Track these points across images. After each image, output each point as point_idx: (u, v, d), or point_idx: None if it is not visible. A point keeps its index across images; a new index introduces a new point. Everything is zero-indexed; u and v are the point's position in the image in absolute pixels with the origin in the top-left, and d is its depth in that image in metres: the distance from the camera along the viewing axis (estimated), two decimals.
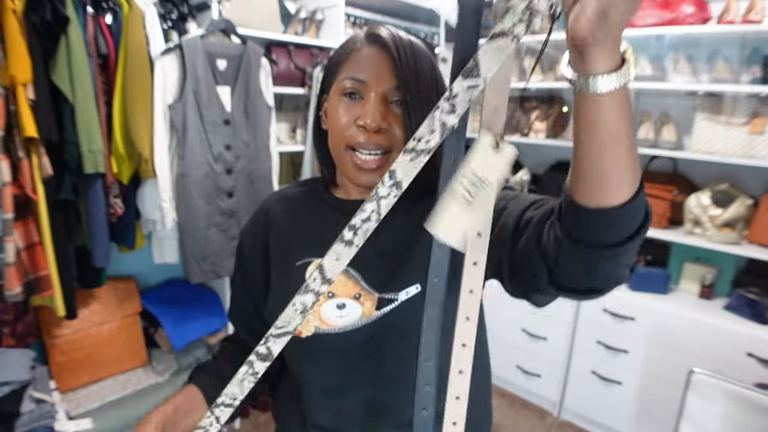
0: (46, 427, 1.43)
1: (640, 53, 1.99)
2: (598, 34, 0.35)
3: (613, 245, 0.46)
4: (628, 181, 0.43)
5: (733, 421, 1.27)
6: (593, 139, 0.41)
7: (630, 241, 0.46)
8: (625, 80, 0.38)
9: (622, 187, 0.43)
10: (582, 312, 2.10)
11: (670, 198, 1.93)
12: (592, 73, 0.38)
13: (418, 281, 0.64)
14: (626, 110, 0.40)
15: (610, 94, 0.38)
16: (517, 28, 0.35)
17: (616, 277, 0.51)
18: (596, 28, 0.35)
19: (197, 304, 2.02)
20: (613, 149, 0.41)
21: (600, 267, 0.49)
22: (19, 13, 1.28)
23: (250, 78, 1.81)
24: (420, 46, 0.64)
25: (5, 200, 1.31)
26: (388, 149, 0.63)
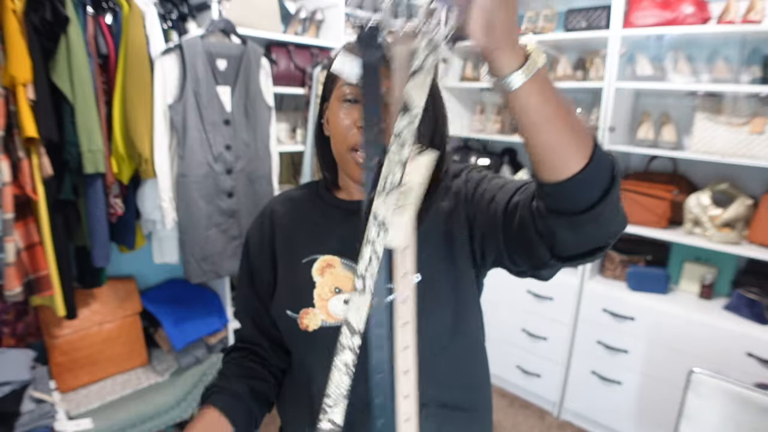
0: (46, 427, 1.43)
1: (640, 53, 1.99)
2: (492, 44, 0.41)
3: (587, 209, 0.50)
4: (572, 154, 0.47)
5: (733, 421, 1.27)
6: (527, 126, 0.46)
7: (602, 201, 0.49)
8: (531, 72, 0.42)
9: (568, 160, 0.47)
10: (582, 312, 2.10)
11: (670, 198, 1.93)
12: (504, 75, 0.43)
13: (419, 271, 0.66)
14: (546, 96, 0.45)
15: (525, 86, 0.43)
16: (428, 62, 0.40)
17: (609, 230, 0.54)
18: (489, 39, 0.41)
19: (197, 304, 2.02)
20: (547, 131, 0.46)
21: (587, 229, 0.52)
22: (19, 13, 1.28)
23: (250, 78, 1.82)
24: None
25: (5, 200, 1.31)
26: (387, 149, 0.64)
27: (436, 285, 0.68)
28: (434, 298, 0.68)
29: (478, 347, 0.76)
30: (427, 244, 0.69)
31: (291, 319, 0.71)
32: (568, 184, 0.48)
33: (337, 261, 0.71)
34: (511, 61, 0.42)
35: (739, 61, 1.82)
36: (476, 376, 0.76)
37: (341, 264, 0.71)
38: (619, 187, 0.51)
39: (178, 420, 1.81)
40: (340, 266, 0.71)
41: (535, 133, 0.47)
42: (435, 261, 0.69)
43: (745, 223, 1.81)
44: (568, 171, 0.47)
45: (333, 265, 0.71)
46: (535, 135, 0.47)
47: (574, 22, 2.07)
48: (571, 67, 2.22)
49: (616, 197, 0.51)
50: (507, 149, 2.63)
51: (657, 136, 2.01)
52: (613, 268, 2.13)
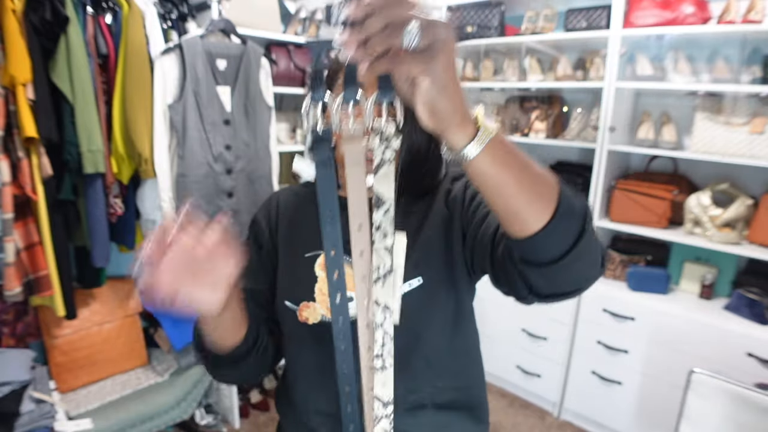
0: (45, 427, 1.43)
1: (640, 53, 1.98)
2: (440, 125, 0.43)
3: (554, 260, 0.51)
4: (532, 214, 0.49)
5: (733, 421, 1.27)
6: (487, 190, 0.48)
7: (569, 253, 0.51)
8: (484, 142, 0.45)
9: (528, 220, 0.49)
10: (582, 312, 2.10)
11: (670, 198, 1.93)
12: (458, 148, 0.45)
13: (420, 274, 0.68)
14: (502, 162, 0.47)
15: (479, 156, 0.45)
16: (386, 154, 0.43)
17: (580, 278, 0.56)
18: (436, 122, 0.43)
19: None
20: (505, 195, 0.48)
21: (557, 278, 0.54)
22: (19, 13, 1.28)
23: (250, 78, 1.81)
24: None
25: (5, 200, 1.31)
26: None
27: (435, 288, 0.69)
28: (435, 302, 0.69)
29: (474, 349, 0.79)
30: (428, 248, 0.70)
31: (290, 310, 0.71)
32: (530, 240, 0.50)
33: None
34: (462, 135, 0.45)
35: (739, 61, 1.82)
36: (473, 377, 0.78)
37: (346, 262, 0.70)
38: (591, 238, 0.52)
39: (178, 420, 1.81)
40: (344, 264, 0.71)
41: (494, 196, 0.49)
42: (435, 264, 0.70)
43: (745, 223, 1.81)
44: (529, 229, 0.49)
45: None
46: (494, 198, 0.49)
47: (574, 22, 2.07)
48: (571, 67, 2.22)
49: (585, 248, 0.52)
50: None
51: (657, 136, 2.01)
52: (614, 268, 2.13)
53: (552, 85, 2.21)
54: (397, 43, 0.38)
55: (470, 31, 2.36)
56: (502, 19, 2.31)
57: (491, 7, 2.30)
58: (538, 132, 2.30)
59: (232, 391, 2.04)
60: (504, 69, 2.42)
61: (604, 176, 2.03)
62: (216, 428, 2.05)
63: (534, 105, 2.37)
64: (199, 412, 2.02)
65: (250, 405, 2.22)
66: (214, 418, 2.06)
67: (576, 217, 0.51)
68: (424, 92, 0.41)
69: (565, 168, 2.31)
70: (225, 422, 2.10)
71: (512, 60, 2.39)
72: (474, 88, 2.60)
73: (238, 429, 2.09)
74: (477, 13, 2.33)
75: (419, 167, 0.72)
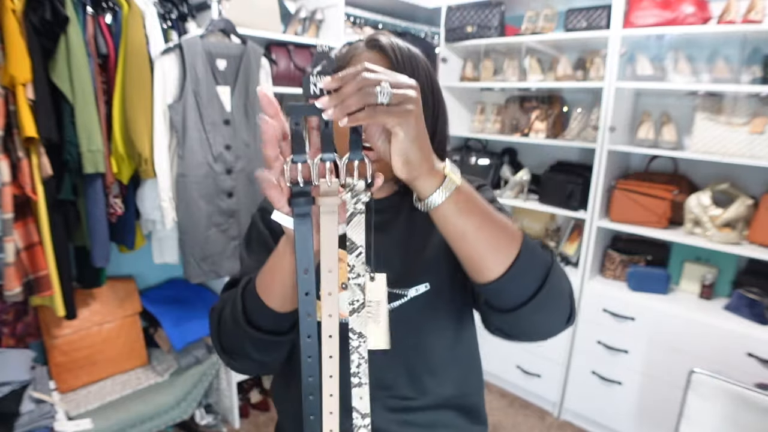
0: (45, 427, 1.43)
1: (640, 53, 1.98)
2: (411, 173, 0.48)
3: (513, 308, 0.55)
4: (492, 260, 0.53)
5: (733, 421, 1.27)
6: (450, 236, 0.53)
7: (528, 303, 0.55)
8: (449, 191, 0.50)
9: (488, 266, 0.53)
10: (582, 312, 2.10)
11: (670, 198, 1.93)
12: (426, 196, 0.50)
13: (427, 280, 0.69)
14: (466, 210, 0.51)
15: (444, 203, 0.50)
16: (358, 206, 0.48)
17: (541, 330, 0.60)
18: (408, 171, 0.48)
19: (197, 304, 2.02)
20: (468, 240, 0.52)
21: (516, 324, 0.59)
22: (19, 13, 1.28)
23: (250, 78, 1.81)
24: (416, 52, 0.69)
25: (5, 200, 1.31)
26: None
27: (441, 294, 0.70)
28: (440, 307, 0.70)
29: (474, 356, 0.80)
30: (436, 253, 0.71)
31: None
32: (492, 285, 0.54)
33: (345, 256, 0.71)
34: (431, 183, 0.49)
35: (739, 61, 1.82)
36: (473, 384, 0.79)
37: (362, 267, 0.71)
38: (553, 292, 0.56)
39: (178, 420, 1.81)
40: None
41: (457, 242, 0.53)
42: (442, 270, 0.70)
43: (745, 223, 1.81)
44: (488, 276, 0.53)
45: (342, 260, 0.70)
46: (457, 243, 0.53)
47: (574, 22, 2.07)
48: (571, 67, 2.22)
49: (544, 301, 0.55)
50: (507, 149, 2.63)
51: (657, 136, 2.01)
52: (614, 268, 2.13)
53: (552, 85, 2.21)
54: (371, 101, 0.43)
55: (470, 31, 2.36)
56: (502, 19, 2.31)
57: (491, 7, 2.30)
58: (538, 132, 2.30)
59: (232, 391, 2.04)
60: (504, 69, 2.42)
61: (604, 176, 2.03)
62: (216, 428, 2.05)
63: (534, 105, 2.37)
64: (199, 412, 2.02)
65: (250, 405, 2.22)
66: (214, 418, 2.06)
67: (536, 270, 0.55)
68: (398, 143, 0.46)
69: (565, 168, 2.31)
70: (225, 422, 2.10)
71: (512, 60, 2.39)
72: (474, 88, 2.61)
73: (238, 429, 2.09)
74: (477, 13, 2.33)
75: None
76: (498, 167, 2.53)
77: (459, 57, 2.60)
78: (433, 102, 0.69)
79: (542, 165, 2.42)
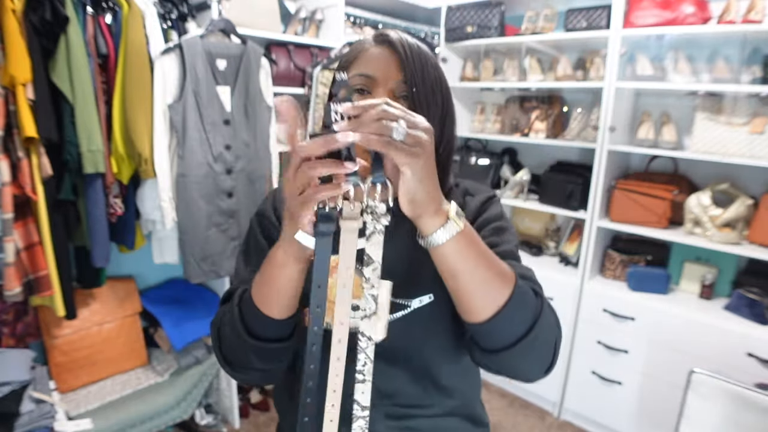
0: (45, 427, 1.43)
1: (640, 53, 1.98)
2: (416, 211, 0.50)
3: (496, 351, 0.58)
4: (482, 303, 0.55)
5: (733, 421, 1.27)
6: (444, 274, 0.55)
7: (509, 348, 0.57)
8: (451, 233, 0.51)
9: (477, 308, 0.55)
10: (582, 312, 2.10)
11: (670, 198, 1.93)
12: (428, 234, 0.52)
13: (432, 291, 0.67)
14: (465, 253, 0.53)
15: (446, 244, 0.51)
16: (377, 227, 0.51)
17: (519, 374, 0.62)
18: (414, 209, 0.50)
19: (197, 304, 2.02)
20: (463, 282, 0.54)
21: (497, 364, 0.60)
22: (19, 13, 1.28)
23: (250, 78, 1.81)
24: (425, 49, 0.68)
25: (5, 200, 1.31)
26: None
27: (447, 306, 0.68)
28: (444, 317, 0.69)
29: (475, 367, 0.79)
30: None
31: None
32: (481, 326, 0.55)
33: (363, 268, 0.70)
34: (433, 223, 0.51)
35: (739, 61, 1.82)
36: (476, 386, 0.79)
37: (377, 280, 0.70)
38: (538, 341, 0.57)
39: (178, 420, 1.81)
40: None
41: (449, 280, 0.55)
42: None
43: (745, 223, 1.81)
44: (482, 316, 0.55)
45: None
46: (453, 283, 0.55)
47: (574, 22, 2.07)
48: (571, 67, 2.22)
49: (526, 350, 0.57)
50: (507, 149, 2.63)
51: (657, 136, 2.01)
52: (613, 268, 2.13)
53: (552, 85, 2.21)
54: (387, 133, 0.45)
55: (470, 31, 2.36)
56: (502, 19, 2.31)
57: (491, 7, 2.30)
58: (538, 132, 2.30)
59: (232, 391, 2.04)
60: (504, 69, 2.42)
61: (604, 176, 2.03)
62: (216, 428, 2.05)
63: (534, 105, 2.37)
64: (199, 412, 2.02)
65: (250, 405, 2.22)
66: (214, 418, 2.06)
67: (523, 318, 0.56)
68: (406, 181, 0.48)
69: (565, 168, 2.31)
70: (225, 422, 2.10)
71: (512, 60, 2.39)
72: (474, 88, 2.61)
73: (238, 429, 2.09)
74: (477, 13, 2.33)
75: None
76: (498, 167, 2.53)
77: (459, 57, 2.60)
78: (442, 101, 0.68)
79: (542, 165, 2.42)
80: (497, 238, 0.70)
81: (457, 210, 0.53)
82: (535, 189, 2.40)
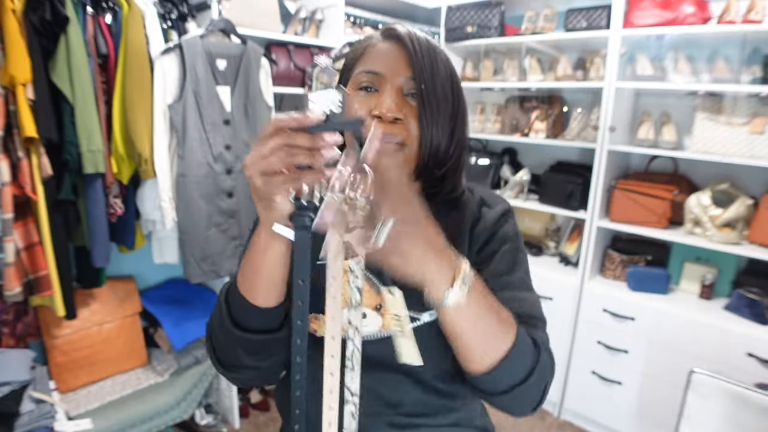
0: (45, 427, 1.43)
1: (640, 53, 1.98)
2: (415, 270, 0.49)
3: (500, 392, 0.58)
4: (484, 355, 0.55)
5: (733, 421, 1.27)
6: (449, 333, 0.55)
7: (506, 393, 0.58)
8: (456, 298, 0.50)
9: (478, 360, 0.56)
10: (582, 312, 2.10)
11: (670, 198, 1.93)
12: (434, 296, 0.51)
13: None
14: (466, 314, 0.52)
15: (451, 307, 0.51)
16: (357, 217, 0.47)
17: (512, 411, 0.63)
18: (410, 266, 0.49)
19: (197, 304, 2.02)
20: (465, 339, 0.54)
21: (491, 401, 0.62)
22: (19, 13, 1.28)
23: (250, 78, 1.81)
24: (436, 45, 0.65)
25: (5, 200, 1.31)
26: (403, 142, 0.62)
27: None
28: None
29: None
30: None
31: None
32: (481, 377, 0.56)
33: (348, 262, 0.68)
34: (440, 282, 0.50)
35: (739, 61, 1.82)
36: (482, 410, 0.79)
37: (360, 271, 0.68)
38: (530, 387, 0.58)
39: (178, 420, 1.81)
40: None
41: (455, 337, 0.55)
42: None
43: (745, 223, 1.81)
44: (481, 368, 0.56)
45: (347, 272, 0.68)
46: (455, 339, 0.55)
47: (574, 22, 2.07)
48: (571, 67, 2.22)
49: (519, 396, 0.58)
50: (507, 149, 2.63)
51: (657, 136, 2.01)
52: (613, 268, 2.13)
53: (552, 85, 2.21)
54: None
55: (470, 31, 2.36)
56: (502, 19, 2.31)
57: (491, 7, 2.30)
58: (538, 132, 2.30)
59: (232, 391, 2.04)
60: (504, 69, 2.42)
61: (604, 176, 2.03)
62: (216, 428, 2.05)
63: (534, 105, 2.37)
64: (199, 412, 2.02)
65: (250, 405, 2.22)
66: (214, 418, 2.06)
67: (519, 370, 0.57)
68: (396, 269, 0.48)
69: (565, 168, 2.31)
70: (225, 422, 2.10)
71: (512, 60, 2.39)
72: (474, 88, 2.60)
73: (238, 429, 2.08)
74: (477, 13, 2.33)
75: (438, 168, 0.66)
76: (498, 167, 2.53)
77: (459, 57, 2.59)
78: (453, 98, 0.65)
79: (542, 165, 2.42)
80: (511, 264, 0.68)
81: (465, 272, 0.50)
82: (535, 189, 2.40)
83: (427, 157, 0.64)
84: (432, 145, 0.63)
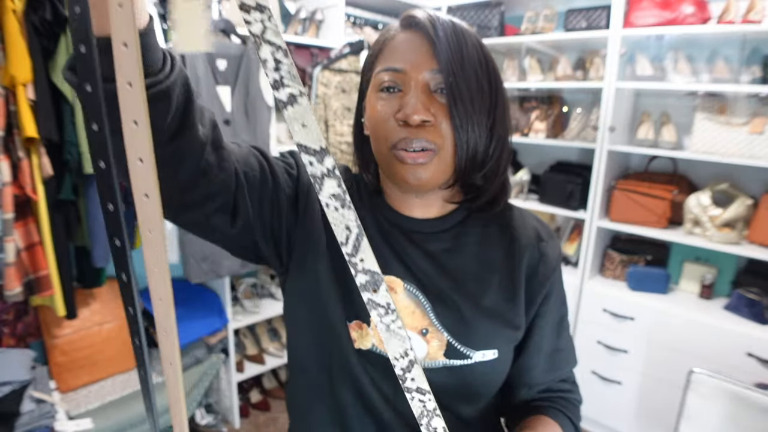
0: (46, 427, 1.43)
1: (640, 53, 1.99)
2: None
3: None
4: None
5: (733, 421, 1.27)
6: None
7: None
8: None
9: None
10: (582, 312, 2.10)
11: (670, 198, 1.93)
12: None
13: (496, 346, 0.60)
14: None
15: None
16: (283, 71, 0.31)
17: None
18: None
19: (197, 304, 2.02)
20: None
21: None
22: (19, 13, 1.28)
23: (250, 78, 1.81)
24: (464, 27, 0.56)
25: (5, 200, 1.31)
26: (436, 148, 0.54)
27: (504, 364, 0.64)
28: (501, 376, 0.65)
29: None
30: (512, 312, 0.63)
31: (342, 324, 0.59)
32: None
33: (400, 285, 0.60)
34: None
35: (739, 61, 1.82)
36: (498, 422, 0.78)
37: (404, 289, 0.60)
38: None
39: None
40: (402, 292, 0.60)
41: None
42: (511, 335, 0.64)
43: (745, 223, 1.81)
44: None
45: (395, 289, 0.60)
46: None
47: (574, 22, 2.07)
48: (571, 67, 2.22)
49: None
50: None
51: (657, 136, 2.01)
52: (613, 268, 2.13)
53: (552, 85, 2.21)
54: None
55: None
56: (502, 19, 2.31)
57: (491, 7, 2.30)
58: (538, 132, 2.30)
59: (233, 391, 2.04)
60: (504, 69, 2.42)
61: (604, 176, 2.03)
62: (216, 428, 2.05)
63: (534, 105, 2.38)
64: (199, 412, 2.02)
65: (250, 405, 2.22)
66: (214, 418, 2.06)
67: None
68: None
69: (564, 168, 2.31)
70: (225, 422, 2.10)
71: (512, 60, 2.39)
72: None
73: (238, 429, 2.09)
74: (477, 13, 2.33)
75: (477, 171, 0.57)
76: None
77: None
78: (489, 88, 0.56)
79: (542, 165, 2.42)
80: (562, 309, 0.69)
81: None
82: (535, 189, 2.40)
83: (464, 161, 0.55)
84: (468, 146, 0.54)
